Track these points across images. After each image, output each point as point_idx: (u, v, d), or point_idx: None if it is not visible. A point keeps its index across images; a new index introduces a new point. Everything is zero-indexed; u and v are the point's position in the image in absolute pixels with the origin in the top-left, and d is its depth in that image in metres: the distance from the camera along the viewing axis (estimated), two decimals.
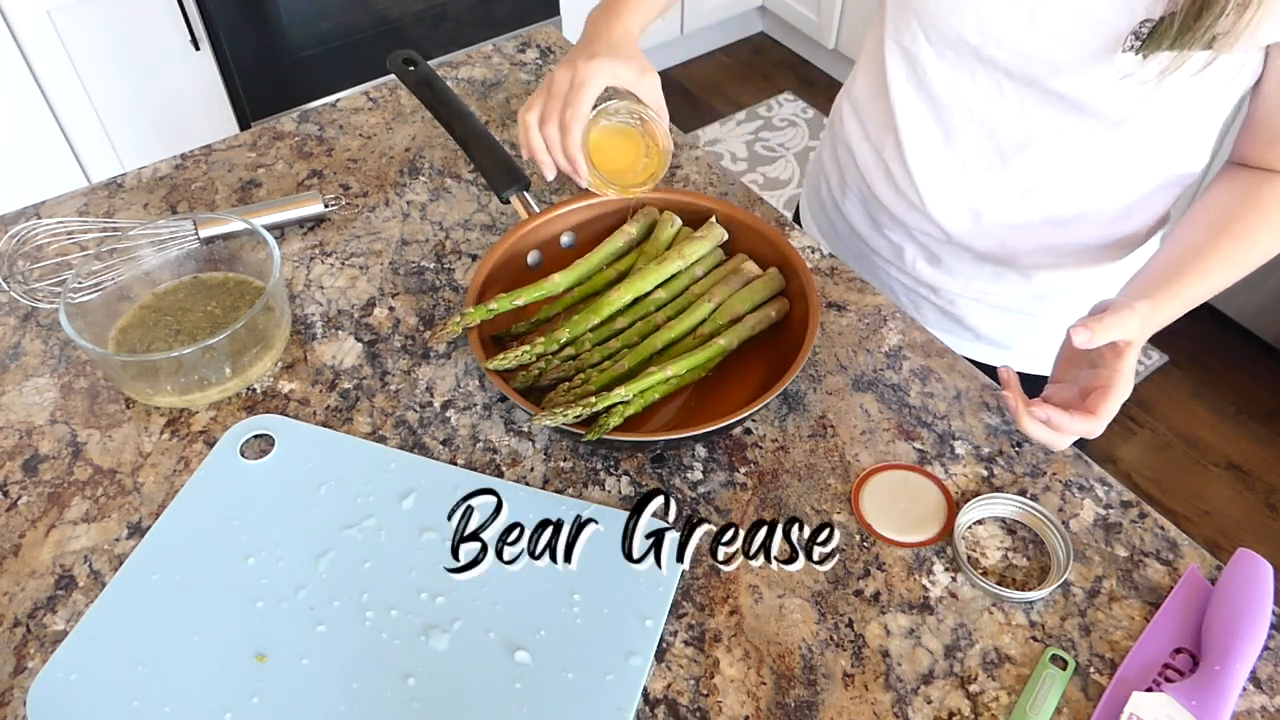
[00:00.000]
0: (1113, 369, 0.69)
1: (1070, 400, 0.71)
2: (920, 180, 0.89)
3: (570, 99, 0.79)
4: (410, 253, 0.93)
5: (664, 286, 0.82)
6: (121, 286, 0.84)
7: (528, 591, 0.67)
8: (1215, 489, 1.94)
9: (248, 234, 0.85)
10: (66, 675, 0.63)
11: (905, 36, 0.83)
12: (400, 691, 0.62)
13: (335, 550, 0.69)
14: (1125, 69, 0.70)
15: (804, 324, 0.76)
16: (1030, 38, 0.74)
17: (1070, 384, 0.73)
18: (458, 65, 1.16)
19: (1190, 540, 0.71)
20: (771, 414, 0.79)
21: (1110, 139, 0.78)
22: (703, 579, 0.69)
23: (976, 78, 0.79)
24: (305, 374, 0.82)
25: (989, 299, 0.95)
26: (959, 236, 0.90)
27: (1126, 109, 0.74)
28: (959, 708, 0.62)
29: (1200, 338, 2.17)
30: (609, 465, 0.75)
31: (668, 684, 0.63)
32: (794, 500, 0.73)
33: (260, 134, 1.06)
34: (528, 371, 0.75)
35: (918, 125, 0.86)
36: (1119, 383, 0.68)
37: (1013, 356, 0.99)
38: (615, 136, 0.84)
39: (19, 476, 0.75)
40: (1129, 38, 0.68)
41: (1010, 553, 0.71)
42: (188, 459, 0.76)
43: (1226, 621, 0.63)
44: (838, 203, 1.03)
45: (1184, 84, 0.71)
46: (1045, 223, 0.86)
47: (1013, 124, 0.80)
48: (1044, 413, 0.69)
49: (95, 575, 0.69)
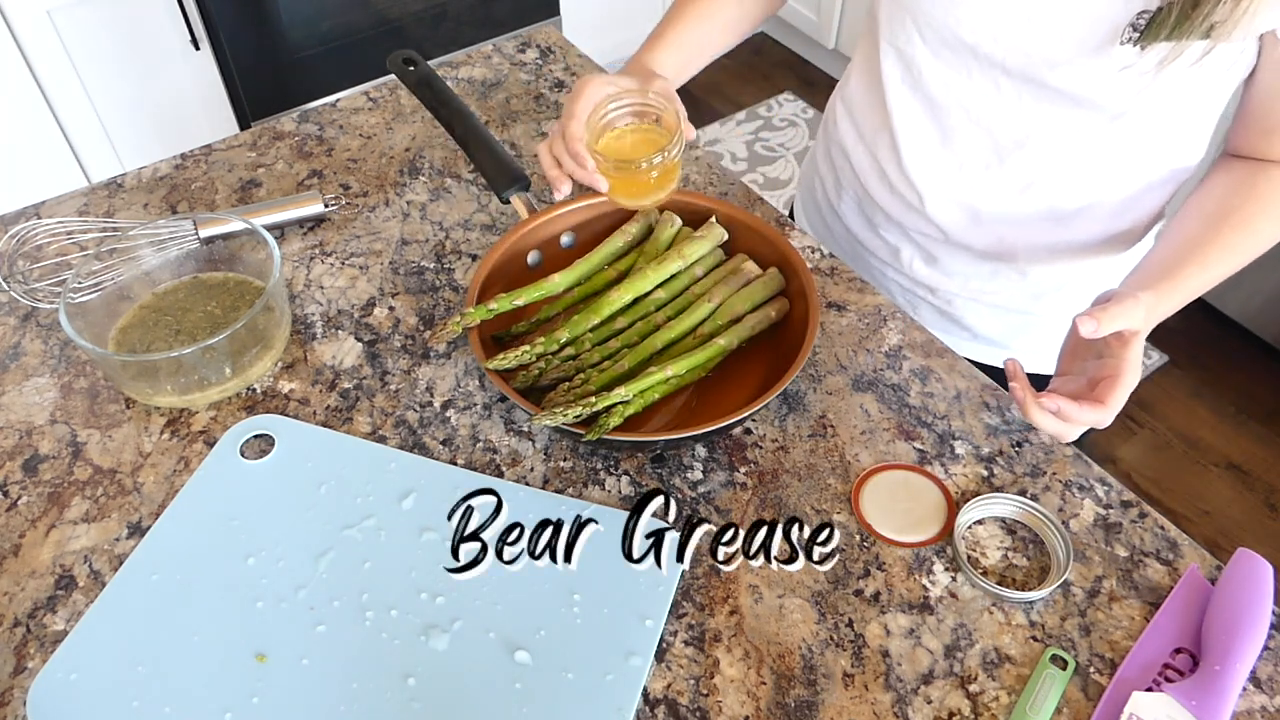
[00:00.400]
0: (1120, 358, 0.69)
1: (1079, 391, 0.71)
2: (917, 180, 0.89)
3: (568, 110, 0.81)
4: (410, 253, 0.93)
5: (664, 286, 0.82)
6: (121, 286, 0.84)
7: (528, 591, 0.67)
8: (1215, 489, 1.94)
9: (248, 234, 0.85)
10: (66, 675, 0.63)
11: (900, 38, 0.83)
12: (400, 691, 0.62)
13: (335, 550, 0.69)
14: (1124, 61, 0.70)
15: (804, 324, 0.76)
16: (1028, 33, 0.74)
17: (1077, 375, 0.73)
18: (458, 65, 1.16)
19: (1190, 540, 0.71)
20: (771, 414, 0.79)
21: (1108, 133, 0.78)
22: (703, 579, 0.69)
23: (973, 76, 0.79)
24: (305, 374, 0.82)
25: (986, 298, 0.95)
26: (956, 235, 0.90)
27: (1124, 102, 0.74)
28: (959, 708, 0.62)
29: (1200, 338, 2.17)
30: (609, 465, 0.75)
31: (668, 684, 0.63)
32: (794, 500, 0.73)
33: (260, 134, 1.06)
34: (528, 371, 0.75)
35: (914, 126, 0.86)
36: (1127, 372, 0.68)
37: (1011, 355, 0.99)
38: (627, 139, 0.83)
39: (19, 476, 0.75)
40: (1127, 29, 0.69)
41: (1010, 553, 0.71)
42: (188, 459, 0.76)
43: (1226, 621, 0.63)
44: (833, 205, 1.03)
45: (1182, 75, 0.71)
46: (1043, 219, 0.86)
47: (1010, 121, 0.80)
48: (1054, 403, 0.68)
49: (95, 575, 0.69)
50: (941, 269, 0.95)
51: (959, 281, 0.95)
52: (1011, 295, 0.94)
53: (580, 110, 0.80)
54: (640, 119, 0.82)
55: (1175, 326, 0.77)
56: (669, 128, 0.81)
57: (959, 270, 0.94)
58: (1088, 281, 0.92)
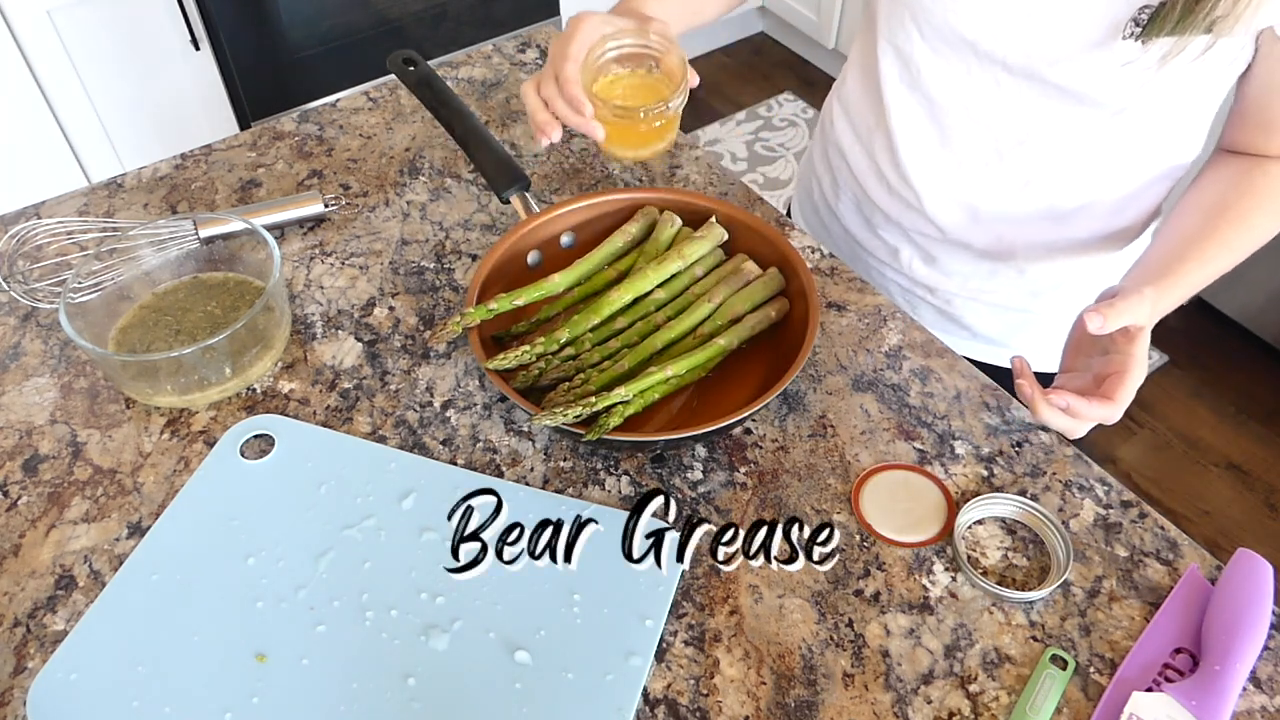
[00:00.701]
0: (1126, 354, 0.69)
1: (1085, 387, 0.71)
2: (916, 179, 0.89)
3: (560, 50, 0.75)
4: (410, 253, 0.93)
5: (664, 286, 0.82)
6: (121, 286, 0.83)
7: (528, 591, 0.67)
8: (1215, 489, 1.94)
9: (248, 234, 0.85)
10: (66, 675, 0.63)
11: (899, 36, 0.83)
12: (400, 691, 0.62)
13: (335, 550, 0.69)
14: (1125, 57, 0.71)
15: (804, 324, 0.76)
16: (1029, 30, 0.74)
17: (1082, 371, 0.73)
18: (458, 65, 1.16)
19: (1190, 540, 0.71)
20: (771, 414, 0.79)
21: (1108, 130, 0.78)
22: (703, 579, 0.69)
23: (973, 73, 0.79)
24: (305, 374, 0.82)
25: (985, 297, 0.95)
26: (955, 234, 0.90)
27: (1125, 98, 0.74)
28: (959, 708, 0.62)
29: (1200, 337, 2.17)
30: (609, 465, 0.75)
31: (668, 684, 0.63)
32: (794, 500, 0.73)
33: (260, 134, 1.06)
34: (528, 371, 0.75)
35: (913, 125, 0.86)
36: (1134, 367, 0.68)
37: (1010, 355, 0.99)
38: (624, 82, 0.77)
39: (19, 476, 0.75)
40: (1129, 25, 0.69)
41: (1010, 553, 0.71)
42: (188, 459, 0.76)
43: (1226, 621, 0.63)
44: (831, 205, 1.03)
45: (1183, 70, 0.71)
46: (1042, 216, 0.86)
47: (1010, 119, 0.80)
48: (1063, 400, 0.68)
49: (95, 575, 0.69)
50: (940, 269, 0.95)
51: (958, 281, 0.95)
52: (1010, 294, 0.94)
53: (575, 51, 0.73)
54: (637, 63, 0.77)
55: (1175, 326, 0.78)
56: (670, 72, 0.76)
57: (958, 270, 0.94)
58: (1086, 280, 0.92)
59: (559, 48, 0.75)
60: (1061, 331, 0.96)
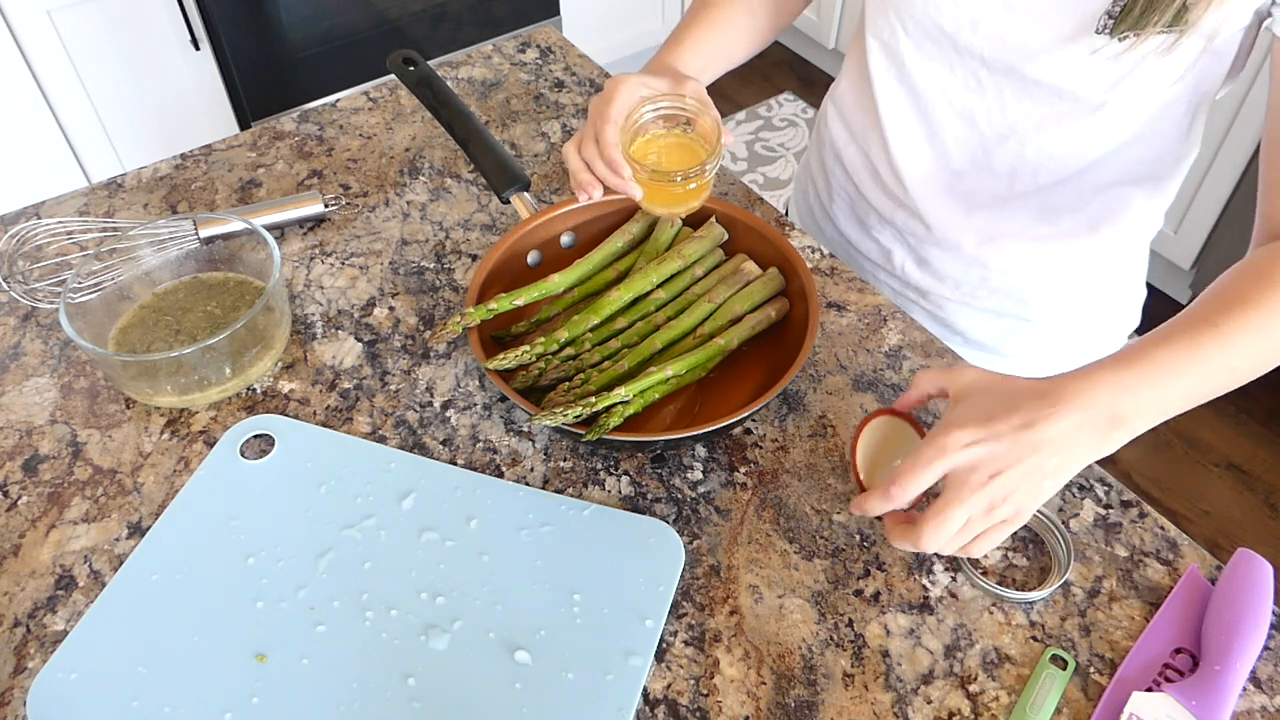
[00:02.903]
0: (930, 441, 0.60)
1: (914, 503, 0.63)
2: (906, 175, 0.89)
3: (600, 112, 0.78)
4: (410, 253, 0.93)
5: (664, 286, 0.82)
6: (121, 286, 0.84)
7: (528, 591, 0.67)
8: (1215, 489, 1.94)
9: (248, 234, 0.85)
10: (66, 675, 0.63)
11: (885, 30, 0.83)
12: (400, 691, 0.62)
13: (335, 550, 0.69)
14: (1098, 49, 0.71)
15: (804, 324, 0.76)
16: (1005, 22, 0.74)
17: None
18: (458, 65, 1.16)
19: (1190, 540, 0.71)
20: (771, 414, 0.79)
21: (1089, 125, 0.78)
22: (703, 579, 0.69)
23: (955, 69, 0.80)
24: (305, 374, 0.82)
25: (977, 302, 0.95)
26: (946, 230, 0.90)
27: (1103, 92, 0.74)
28: (959, 708, 0.62)
29: None
30: (609, 465, 0.75)
31: (668, 684, 0.63)
32: (794, 500, 0.73)
33: (260, 134, 1.06)
34: (528, 371, 0.75)
35: (901, 119, 0.87)
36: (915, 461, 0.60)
37: (1004, 361, 0.99)
38: (660, 143, 0.81)
39: (19, 476, 0.75)
40: (1102, 17, 0.69)
41: (1010, 553, 0.71)
42: (188, 459, 0.76)
43: (1226, 621, 0.63)
44: (826, 208, 1.03)
45: (1159, 63, 0.71)
46: (1031, 214, 0.86)
47: (993, 115, 0.80)
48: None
49: (95, 575, 0.69)
50: (933, 272, 0.95)
51: (950, 285, 0.95)
52: (1002, 300, 0.94)
53: (615, 114, 0.77)
54: (674, 123, 0.81)
55: None
56: (705, 134, 0.80)
57: (950, 273, 0.94)
58: (1077, 286, 0.92)
59: (599, 109, 0.78)
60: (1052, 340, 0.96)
